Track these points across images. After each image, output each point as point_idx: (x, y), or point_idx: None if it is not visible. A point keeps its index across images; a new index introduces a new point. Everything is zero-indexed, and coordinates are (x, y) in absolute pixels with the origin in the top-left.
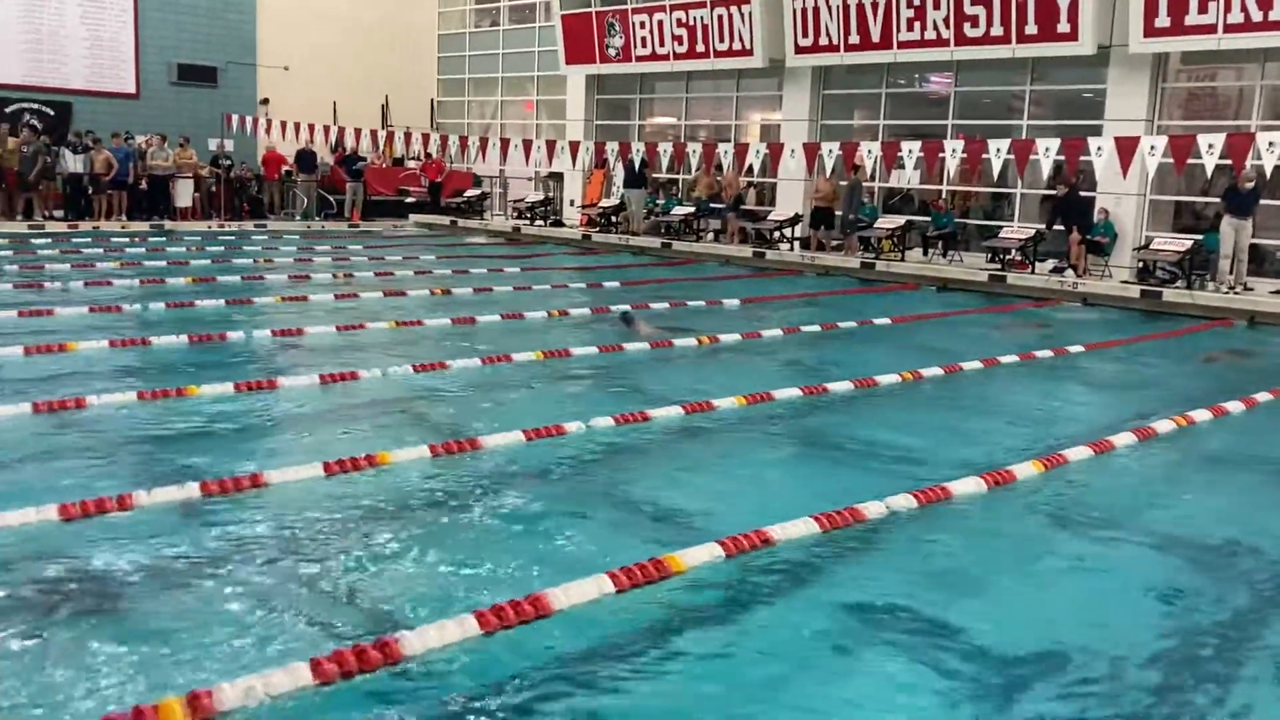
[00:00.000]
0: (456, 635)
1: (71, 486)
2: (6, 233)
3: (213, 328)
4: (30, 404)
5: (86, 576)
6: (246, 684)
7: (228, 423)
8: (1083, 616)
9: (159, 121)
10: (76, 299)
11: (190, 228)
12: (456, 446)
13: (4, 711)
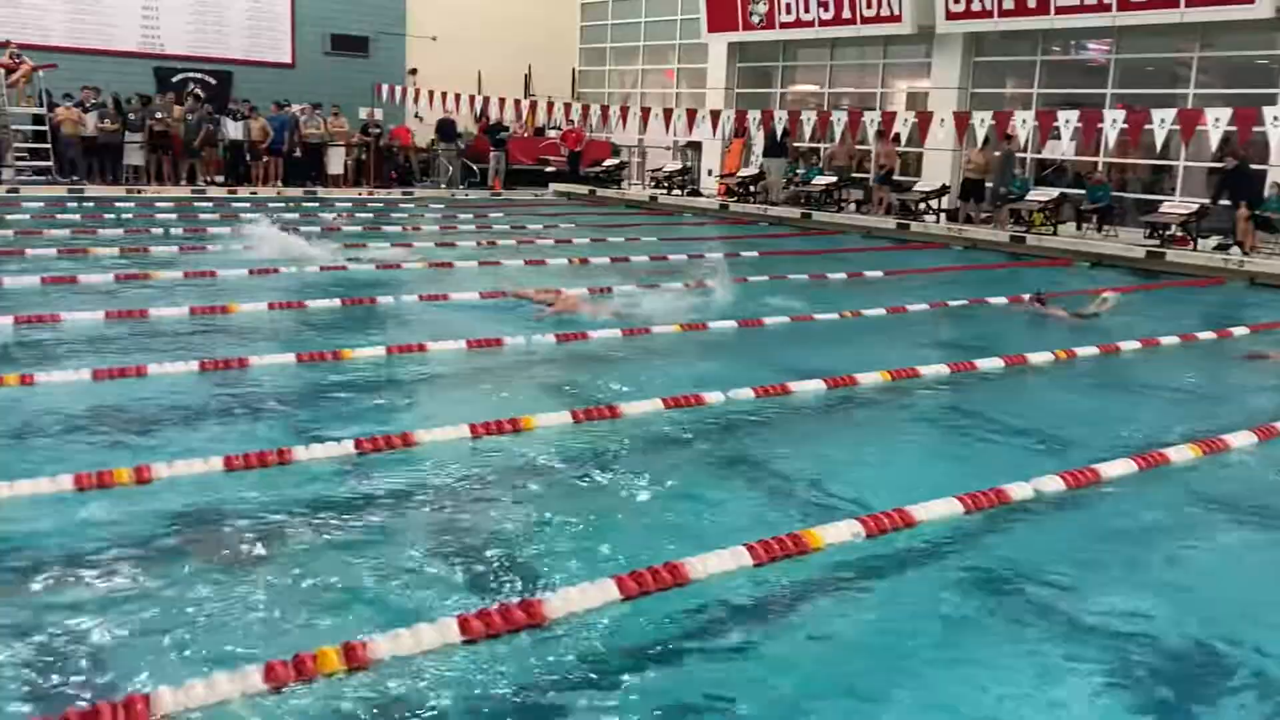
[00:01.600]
0: (597, 599)
1: (236, 441)
2: (171, 197)
3: (363, 292)
4: (198, 362)
5: (249, 526)
6: (397, 637)
7: (380, 384)
8: (1237, 609)
9: (313, 91)
10: (236, 262)
11: (341, 194)
12: (597, 413)
13: (171, 652)
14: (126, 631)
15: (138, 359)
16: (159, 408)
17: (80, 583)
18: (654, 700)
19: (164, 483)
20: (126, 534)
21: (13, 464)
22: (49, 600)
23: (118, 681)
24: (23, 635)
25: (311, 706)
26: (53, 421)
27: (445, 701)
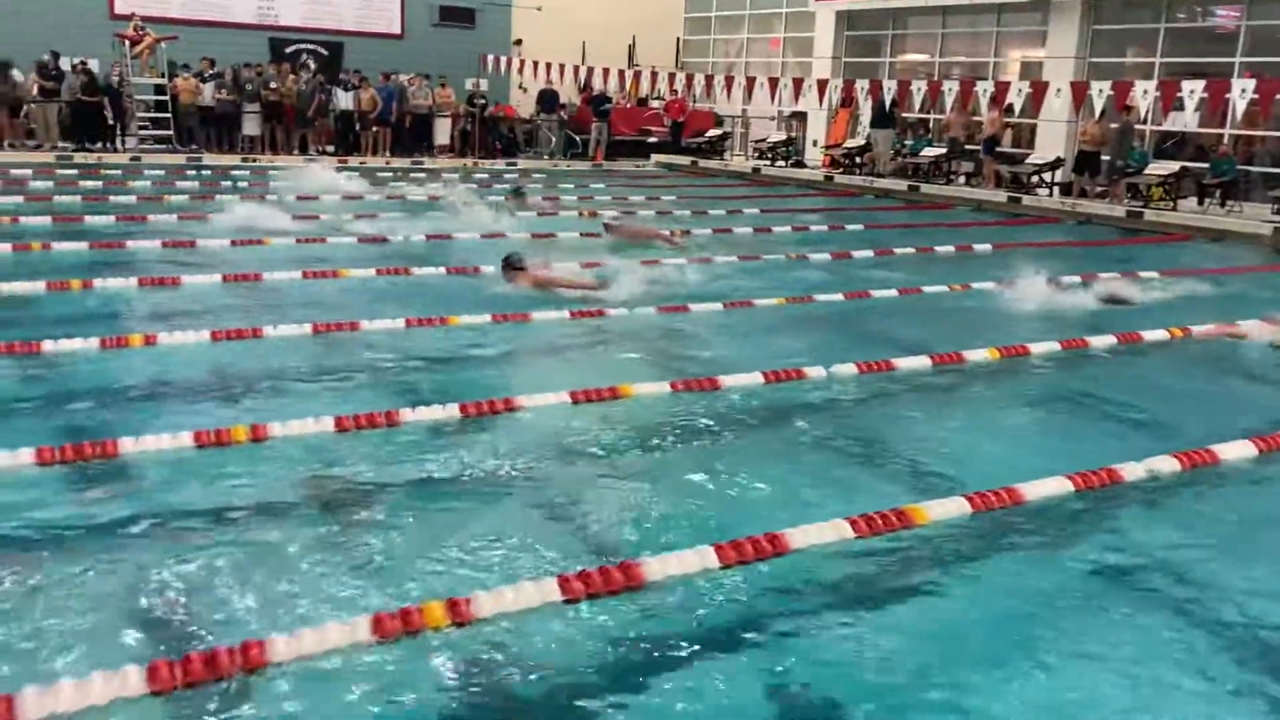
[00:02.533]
0: (696, 565)
1: (346, 401)
2: (285, 165)
3: (462, 261)
4: (310, 325)
5: (357, 485)
6: (499, 594)
7: (484, 350)
8: None
9: (420, 61)
10: (348, 229)
11: (447, 164)
12: (696, 384)
13: (284, 602)
14: (241, 582)
15: (254, 321)
16: (274, 368)
17: (199, 535)
18: (748, 669)
19: (278, 441)
20: (243, 490)
21: (137, 420)
22: (171, 550)
23: (232, 628)
24: (140, 583)
25: (417, 659)
26: (174, 381)
27: (543, 659)
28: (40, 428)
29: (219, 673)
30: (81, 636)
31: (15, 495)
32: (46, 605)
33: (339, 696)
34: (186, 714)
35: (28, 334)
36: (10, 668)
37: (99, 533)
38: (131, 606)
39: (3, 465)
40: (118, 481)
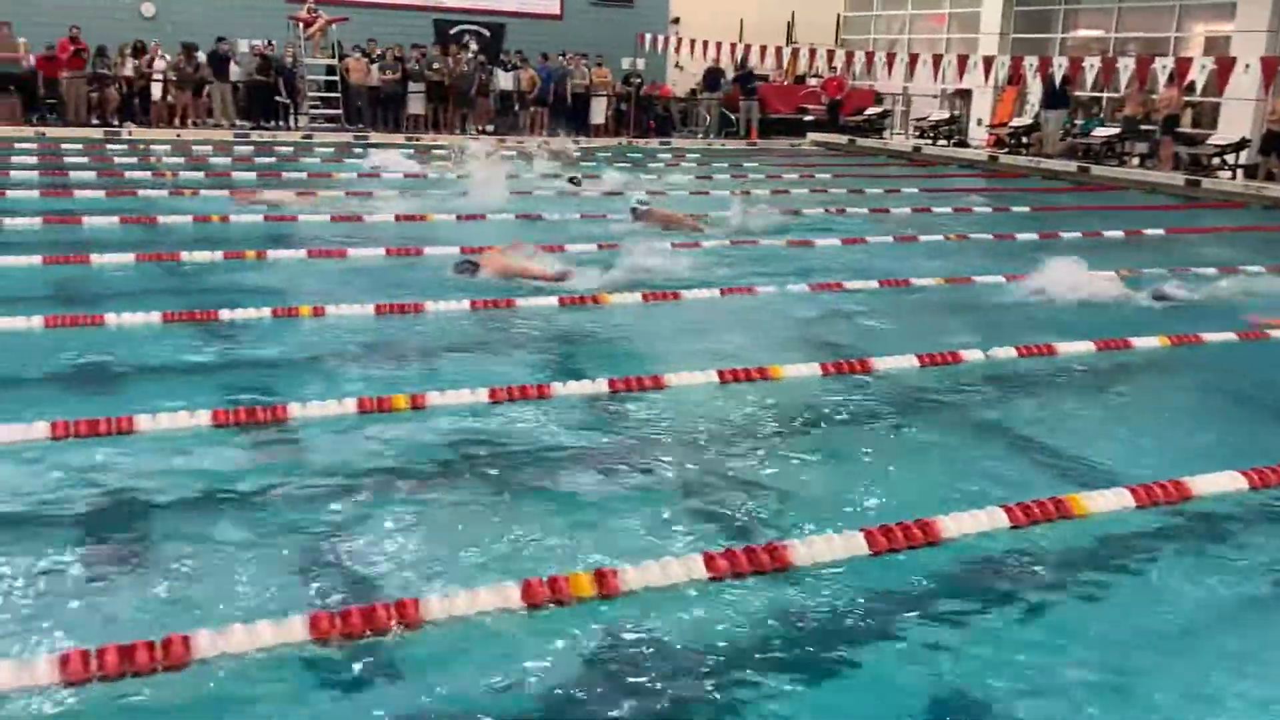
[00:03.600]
0: (844, 551)
1: (501, 374)
2: (446, 145)
3: (613, 239)
4: (469, 301)
5: (509, 454)
6: (646, 568)
7: (633, 328)
8: None
9: (578, 41)
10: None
11: (602, 143)
12: (848, 366)
13: (439, 564)
14: (398, 542)
15: (413, 295)
16: (433, 340)
17: (359, 496)
18: (893, 660)
19: (437, 410)
20: (402, 456)
21: (304, 387)
22: (332, 510)
23: (388, 587)
24: (303, 539)
25: (562, 628)
26: (340, 350)
27: (684, 635)
28: (216, 390)
29: (376, 627)
30: (250, 585)
31: (193, 453)
32: (218, 556)
33: (483, 658)
34: (346, 664)
35: (207, 302)
36: (187, 610)
37: (267, 491)
38: (295, 560)
39: (183, 425)
40: (285, 443)
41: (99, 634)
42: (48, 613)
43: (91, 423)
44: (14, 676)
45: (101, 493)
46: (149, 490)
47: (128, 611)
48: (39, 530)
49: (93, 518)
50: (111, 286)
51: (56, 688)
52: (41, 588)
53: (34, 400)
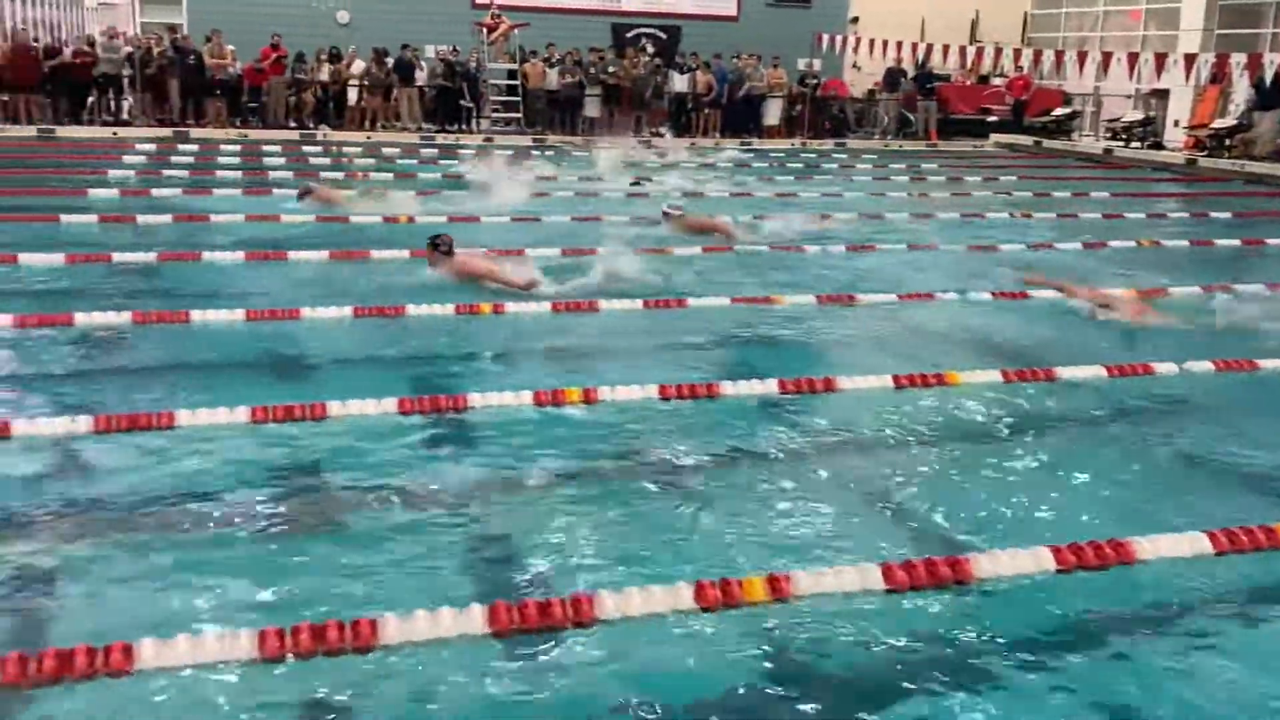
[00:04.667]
0: (1030, 567)
1: (669, 372)
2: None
3: (791, 240)
4: (642, 301)
5: (678, 452)
6: (819, 575)
7: (807, 330)
8: None
9: (755, 43)
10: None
11: (775, 145)
12: (1030, 374)
13: (610, 561)
14: (570, 537)
15: (589, 295)
16: (607, 338)
17: (532, 488)
18: (1073, 682)
19: (607, 405)
20: (571, 449)
21: (486, 379)
22: (506, 500)
23: (560, 583)
24: (478, 528)
25: (732, 631)
26: (517, 344)
27: (858, 644)
28: (401, 381)
29: (551, 621)
30: (426, 573)
31: (379, 440)
32: (398, 542)
33: (651, 656)
34: (518, 656)
35: (393, 298)
36: (371, 596)
37: (446, 478)
38: (469, 549)
39: (372, 412)
40: (464, 433)
41: (287, 612)
42: (244, 587)
43: (288, 408)
44: (219, 649)
45: (292, 475)
46: (335, 473)
47: (313, 590)
48: (238, 508)
49: (282, 499)
50: (304, 282)
51: (256, 662)
52: (239, 564)
53: (235, 386)
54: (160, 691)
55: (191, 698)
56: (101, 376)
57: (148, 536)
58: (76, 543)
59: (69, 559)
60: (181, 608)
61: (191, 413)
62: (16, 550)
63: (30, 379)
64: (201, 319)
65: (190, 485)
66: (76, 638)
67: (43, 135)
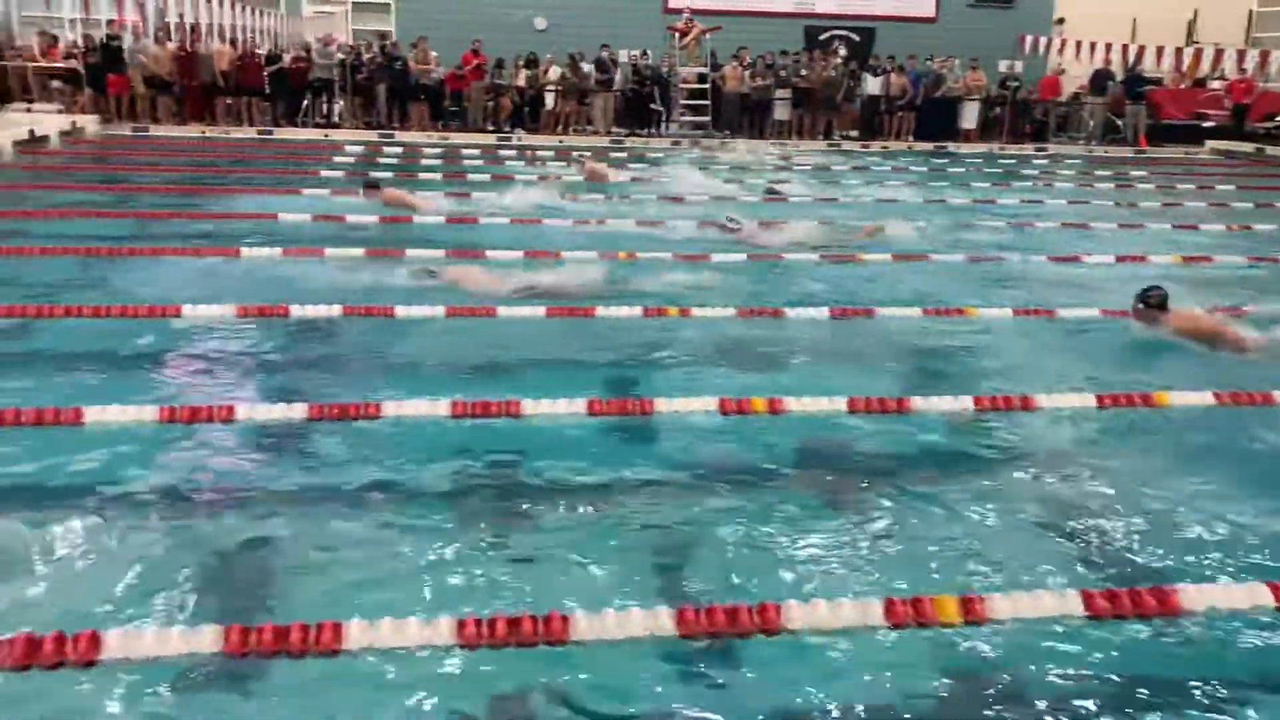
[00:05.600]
0: (1245, 602)
1: (857, 383)
2: (810, 150)
3: (988, 249)
4: (828, 309)
5: (864, 467)
6: (1016, 598)
7: (1001, 342)
8: None
9: (953, 44)
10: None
11: (971, 149)
12: (1247, 398)
13: (795, 571)
14: (753, 544)
15: (773, 301)
16: (793, 346)
17: (718, 493)
18: None
19: (793, 416)
20: (757, 457)
21: (673, 383)
22: (690, 504)
23: (743, 587)
24: (663, 530)
25: (923, 650)
26: (701, 350)
27: (1053, 671)
28: (590, 382)
29: (738, 628)
30: (613, 572)
31: (565, 439)
32: (588, 539)
33: (836, 669)
34: (701, 660)
35: (582, 300)
36: (555, 587)
37: (631, 479)
38: (656, 550)
39: (562, 412)
40: (650, 436)
41: (478, 601)
42: (441, 575)
43: (484, 404)
44: (420, 634)
45: (487, 468)
46: (528, 469)
47: (501, 583)
48: (430, 498)
49: (477, 491)
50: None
51: (452, 649)
52: (439, 553)
53: (436, 381)
54: (367, 671)
55: (393, 679)
56: (313, 365)
57: (353, 522)
58: (287, 522)
59: (280, 538)
60: (381, 591)
61: (396, 404)
62: (235, 528)
63: (250, 366)
64: (405, 313)
65: (392, 474)
66: (289, 615)
67: (262, 136)
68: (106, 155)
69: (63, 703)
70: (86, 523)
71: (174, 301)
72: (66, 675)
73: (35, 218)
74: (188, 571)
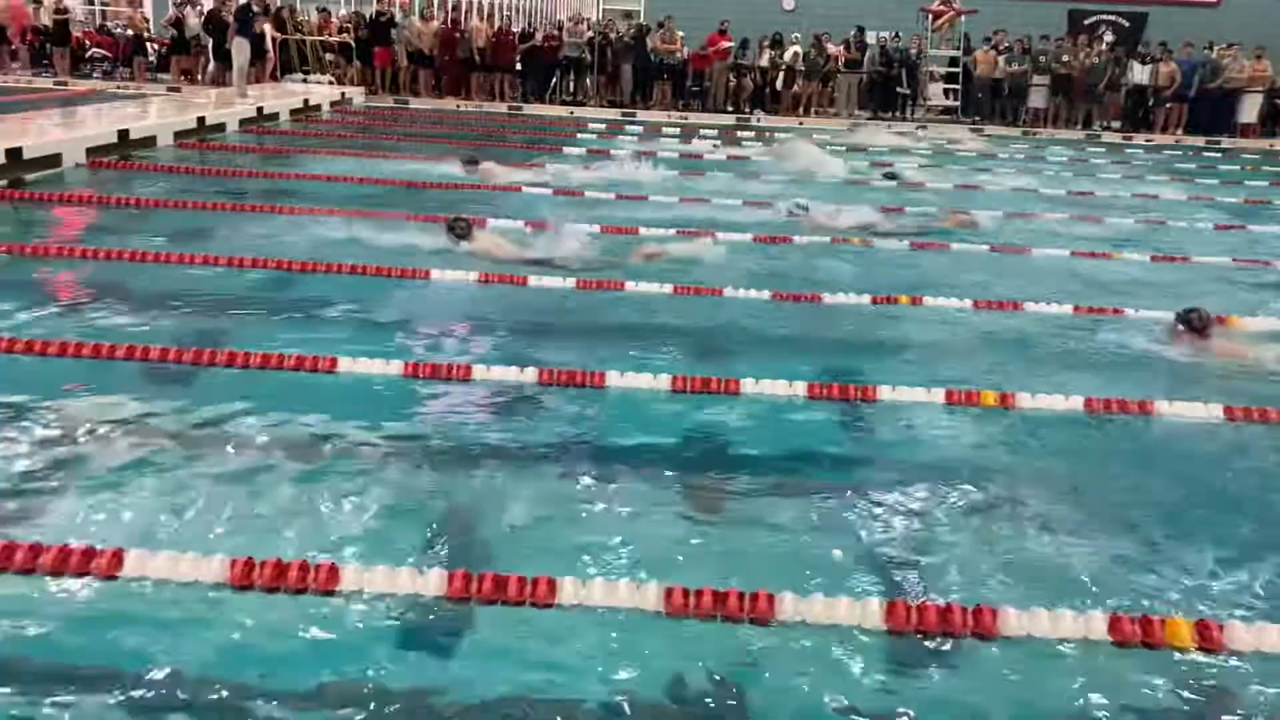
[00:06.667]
0: None
1: (1097, 385)
2: (1065, 140)
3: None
4: (1073, 307)
5: (1095, 473)
6: (1262, 629)
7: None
8: None
9: (1236, 31)
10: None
11: (1249, 145)
12: None
13: (1009, 578)
14: (973, 548)
15: (1014, 294)
16: (1027, 340)
17: (938, 487)
18: None
19: (1025, 411)
20: (986, 454)
21: (896, 371)
22: (913, 497)
23: (955, 589)
24: (872, 521)
25: (1144, 673)
26: (929, 338)
27: None
28: (812, 366)
29: (950, 628)
30: (821, 556)
31: (785, 421)
32: (798, 523)
33: (1048, 682)
34: (914, 656)
35: (810, 285)
36: (762, 564)
37: (850, 467)
38: (870, 541)
39: (782, 393)
40: (873, 423)
41: (685, 574)
42: (651, 540)
43: (705, 380)
44: (629, 597)
45: (702, 445)
46: (742, 448)
47: (715, 556)
48: (648, 468)
49: (689, 468)
50: (727, 262)
51: (660, 615)
52: (649, 519)
53: (658, 356)
54: (574, 626)
55: (595, 636)
56: (548, 334)
57: (571, 483)
58: (510, 479)
59: (500, 492)
60: (592, 551)
61: (620, 375)
62: (462, 480)
63: (487, 330)
64: (634, 289)
65: (613, 441)
66: (508, 566)
67: (512, 111)
68: (370, 125)
69: (304, 623)
70: (332, 463)
71: (423, 266)
72: (308, 600)
73: (305, 179)
74: (419, 516)
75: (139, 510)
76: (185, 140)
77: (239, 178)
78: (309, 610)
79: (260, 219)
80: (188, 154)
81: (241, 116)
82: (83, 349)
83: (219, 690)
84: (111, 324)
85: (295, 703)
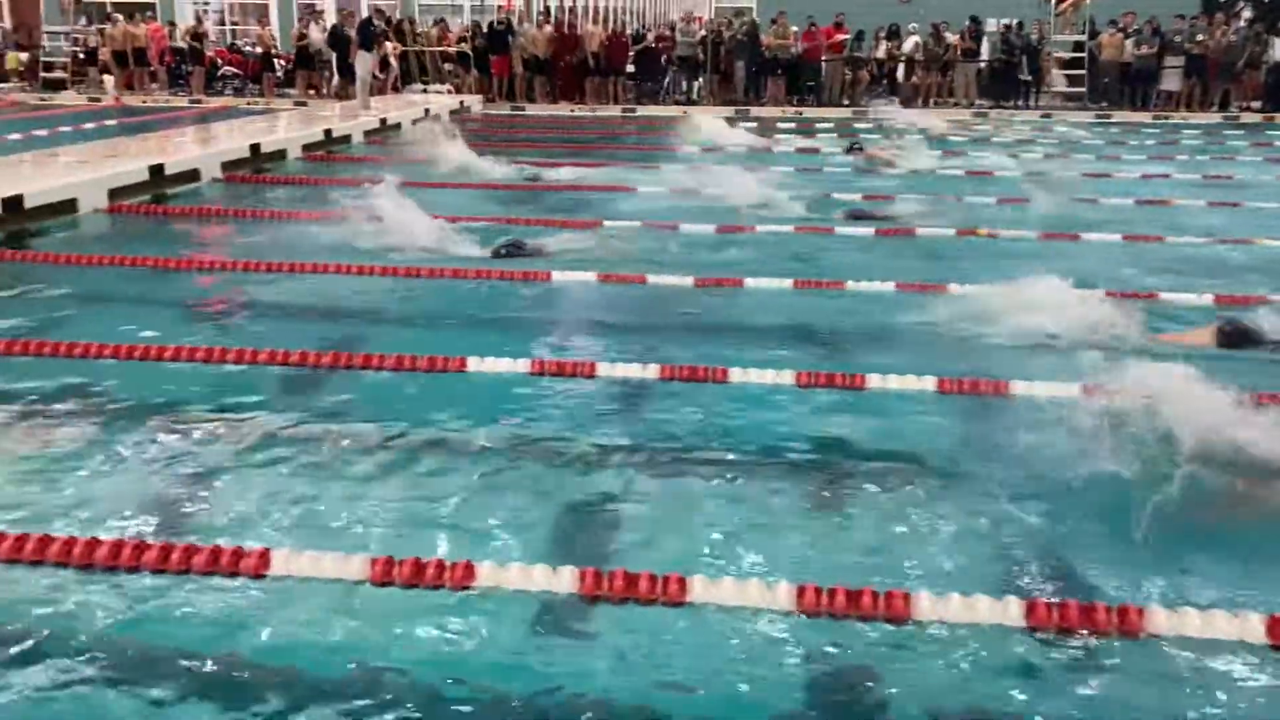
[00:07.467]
0: None
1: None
2: (1198, 124)
3: None
4: (1211, 296)
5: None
6: None
7: None
8: None
9: None
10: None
11: None
12: None
13: (1139, 583)
14: (1115, 545)
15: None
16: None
17: (1074, 487)
18: None
19: None
20: (1131, 452)
21: (1033, 365)
22: (1049, 496)
23: (1103, 589)
24: (1015, 525)
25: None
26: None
27: None
28: (939, 358)
29: (1094, 625)
30: (951, 555)
31: (914, 415)
32: (931, 521)
33: (1202, 684)
34: (1053, 658)
35: (939, 275)
36: (889, 564)
37: (985, 463)
38: (1004, 537)
39: (911, 388)
40: (1004, 419)
41: (815, 570)
42: (777, 542)
43: (830, 375)
44: (759, 596)
45: (831, 441)
46: (870, 443)
47: (841, 552)
48: (774, 465)
49: (819, 462)
50: (850, 256)
51: (792, 614)
52: (779, 519)
53: (781, 351)
54: (707, 624)
55: (723, 634)
56: (669, 331)
57: (695, 479)
58: (636, 475)
59: (629, 489)
60: (721, 550)
61: (743, 371)
62: (583, 477)
63: (609, 328)
64: (754, 285)
65: (738, 437)
66: (636, 565)
67: (625, 114)
68: (490, 132)
69: (439, 618)
70: (460, 461)
71: (545, 269)
72: (442, 596)
73: (421, 187)
74: (546, 513)
75: (283, 511)
76: (312, 152)
77: (363, 186)
78: (445, 606)
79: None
80: (316, 166)
81: (366, 128)
82: (227, 354)
83: (361, 683)
84: (254, 330)
85: (430, 697)
